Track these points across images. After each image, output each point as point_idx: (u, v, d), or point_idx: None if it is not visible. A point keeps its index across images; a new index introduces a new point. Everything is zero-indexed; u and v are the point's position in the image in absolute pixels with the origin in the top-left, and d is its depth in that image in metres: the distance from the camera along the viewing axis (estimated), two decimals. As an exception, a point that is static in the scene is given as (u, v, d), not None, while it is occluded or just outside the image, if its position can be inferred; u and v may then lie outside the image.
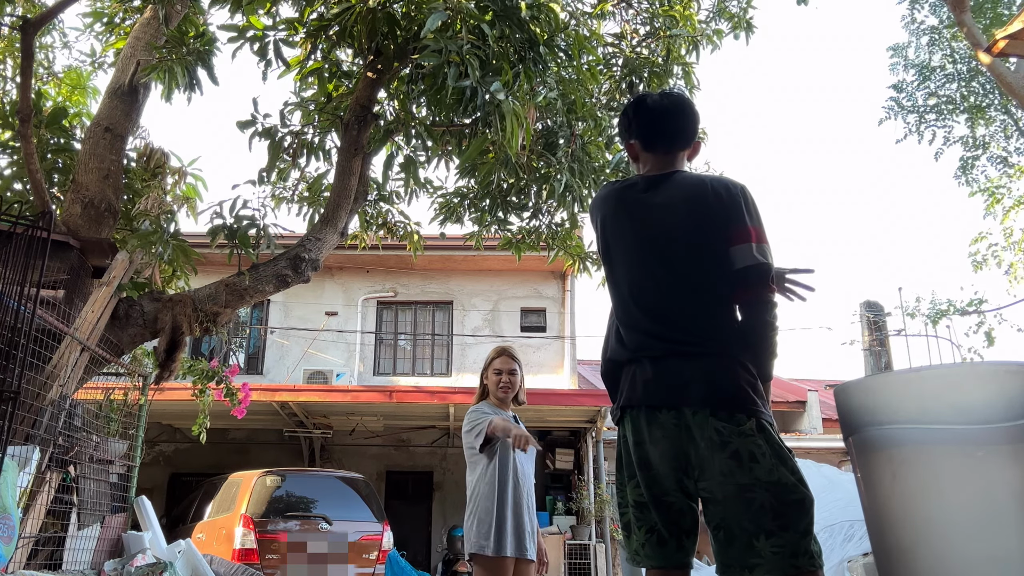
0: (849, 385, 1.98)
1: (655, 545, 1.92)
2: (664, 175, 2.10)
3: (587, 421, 11.11)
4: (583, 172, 4.75)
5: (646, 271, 2.01)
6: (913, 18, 13.02)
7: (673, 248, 1.98)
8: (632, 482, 1.97)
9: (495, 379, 3.53)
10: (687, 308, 1.94)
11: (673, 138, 2.11)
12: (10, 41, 5.89)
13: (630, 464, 1.97)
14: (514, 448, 3.24)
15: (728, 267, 1.93)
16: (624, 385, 2.01)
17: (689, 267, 1.96)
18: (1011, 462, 1.64)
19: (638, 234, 2.04)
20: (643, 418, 1.92)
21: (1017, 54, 5.48)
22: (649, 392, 1.91)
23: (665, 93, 2.20)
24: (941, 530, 1.70)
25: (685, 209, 1.99)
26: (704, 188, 2.00)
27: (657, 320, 1.96)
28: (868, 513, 1.93)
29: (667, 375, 1.90)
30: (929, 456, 1.72)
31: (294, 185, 5.47)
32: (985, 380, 1.75)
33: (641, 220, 2.05)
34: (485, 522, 3.24)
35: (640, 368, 1.95)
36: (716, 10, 5.84)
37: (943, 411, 1.71)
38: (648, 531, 1.93)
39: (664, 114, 2.12)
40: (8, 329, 3.04)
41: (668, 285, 1.97)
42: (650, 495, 1.92)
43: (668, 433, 1.87)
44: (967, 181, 13.40)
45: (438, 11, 3.32)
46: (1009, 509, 1.63)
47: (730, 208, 1.95)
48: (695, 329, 1.92)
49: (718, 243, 1.95)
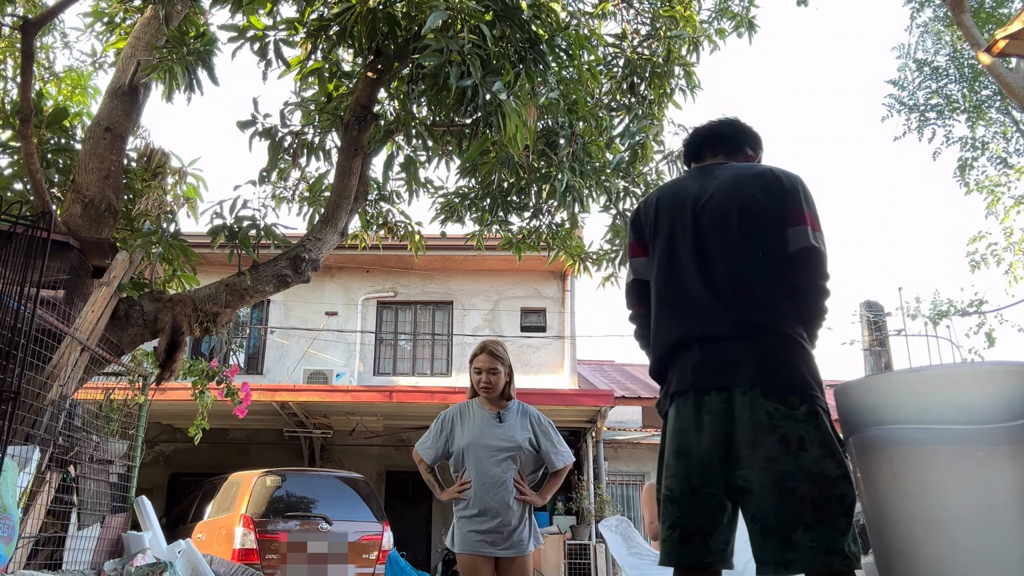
0: (849, 385, 1.98)
1: (676, 542, 1.82)
2: (717, 164, 2.12)
3: (587, 421, 11.11)
4: (584, 172, 4.75)
5: (700, 252, 1.96)
6: (913, 17, 13.02)
7: (728, 229, 1.95)
8: (663, 473, 1.89)
9: (475, 378, 3.50)
10: (743, 288, 1.90)
11: (716, 143, 2.20)
12: (10, 41, 5.89)
13: (669, 454, 1.89)
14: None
15: (783, 250, 1.90)
16: (673, 375, 1.94)
17: (744, 248, 1.93)
18: (1011, 462, 1.64)
19: (693, 216, 2.00)
20: (691, 403, 1.85)
21: (1017, 54, 5.48)
22: (698, 374, 1.85)
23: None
24: (941, 530, 1.70)
25: (741, 191, 1.98)
26: (762, 172, 2.01)
27: (712, 300, 1.90)
28: (868, 513, 1.93)
29: (718, 355, 1.84)
30: (929, 456, 1.72)
31: (294, 185, 5.47)
32: (985, 380, 1.75)
33: (695, 200, 2.02)
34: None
35: (689, 352, 1.89)
36: (718, 9, 5.85)
37: (943, 411, 1.71)
38: (671, 526, 1.84)
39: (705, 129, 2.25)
40: (8, 329, 3.04)
41: (724, 266, 1.93)
42: (688, 486, 1.82)
43: (717, 418, 1.80)
44: (965, 182, 13.40)
45: (439, 10, 3.32)
46: (1009, 509, 1.63)
47: (788, 192, 1.95)
48: (751, 308, 1.87)
49: (773, 226, 1.93)
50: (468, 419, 3.50)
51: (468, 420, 3.50)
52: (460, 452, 3.44)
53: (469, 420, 3.49)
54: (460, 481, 3.40)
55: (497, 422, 3.47)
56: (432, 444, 3.52)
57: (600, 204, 5.38)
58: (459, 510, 3.38)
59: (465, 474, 3.40)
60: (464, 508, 3.35)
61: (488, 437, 3.41)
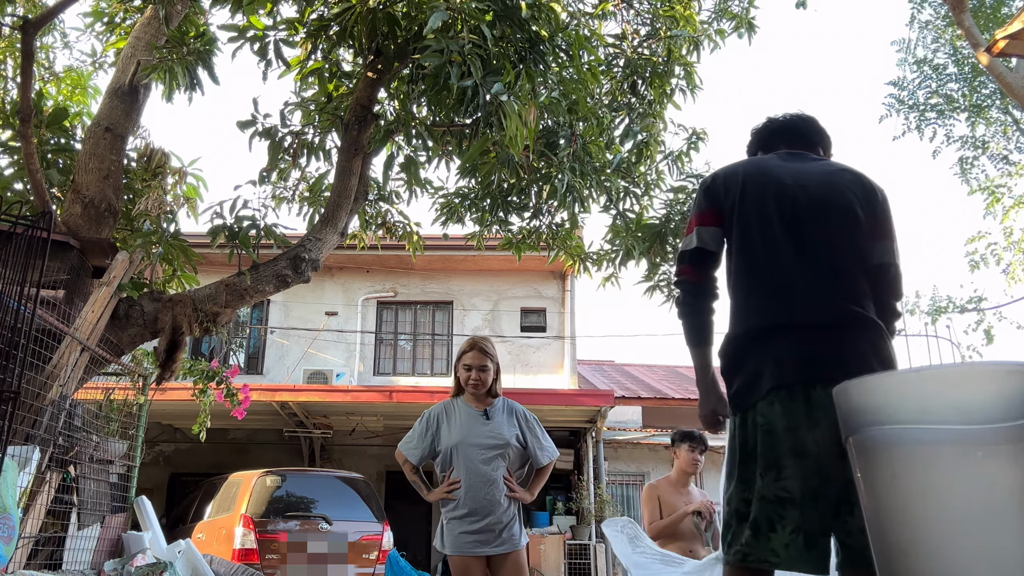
0: (849, 385, 1.98)
1: (802, 548, 1.72)
2: (802, 154, 2.10)
3: (587, 421, 11.11)
4: (584, 172, 4.75)
5: (799, 238, 1.89)
6: (914, 17, 13.02)
7: (830, 220, 1.91)
8: (771, 474, 1.77)
9: (464, 375, 3.45)
10: (845, 279, 1.85)
11: (794, 137, 2.18)
12: (10, 41, 5.89)
13: (771, 453, 1.78)
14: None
15: (870, 258, 1.89)
16: (763, 365, 1.83)
17: (845, 243, 1.90)
18: (1011, 462, 1.64)
19: (792, 200, 1.94)
20: (800, 398, 1.77)
21: (1017, 54, 5.48)
22: (805, 366, 1.77)
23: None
24: (941, 530, 1.70)
25: (842, 189, 1.95)
26: (859, 176, 2.01)
27: (814, 286, 1.84)
28: (868, 513, 1.92)
29: (825, 345, 1.78)
30: (929, 456, 1.72)
31: (294, 185, 5.47)
32: (985, 380, 1.74)
33: (792, 184, 1.96)
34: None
35: (786, 340, 1.81)
36: (718, 10, 5.85)
37: (943, 411, 1.71)
38: (794, 531, 1.73)
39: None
40: (8, 329, 3.04)
41: (826, 256, 1.88)
42: (806, 487, 1.73)
43: (827, 413, 1.72)
44: (966, 180, 13.40)
45: (439, 11, 3.32)
46: (1009, 509, 1.63)
47: (881, 204, 1.96)
48: (854, 300, 1.83)
49: (866, 232, 1.91)
50: (454, 417, 3.45)
51: (454, 418, 3.44)
52: (448, 451, 3.38)
53: (455, 418, 3.44)
54: (448, 481, 3.34)
55: (484, 419, 3.42)
56: (417, 444, 3.46)
57: (600, 204, 5.39)
58: (448, 511, 3.33)
59: (453, 473, 3.34)
60: (454, 508, 3.30)
61: (476, 435, 3.37)
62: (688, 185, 5.14)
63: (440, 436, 3.44)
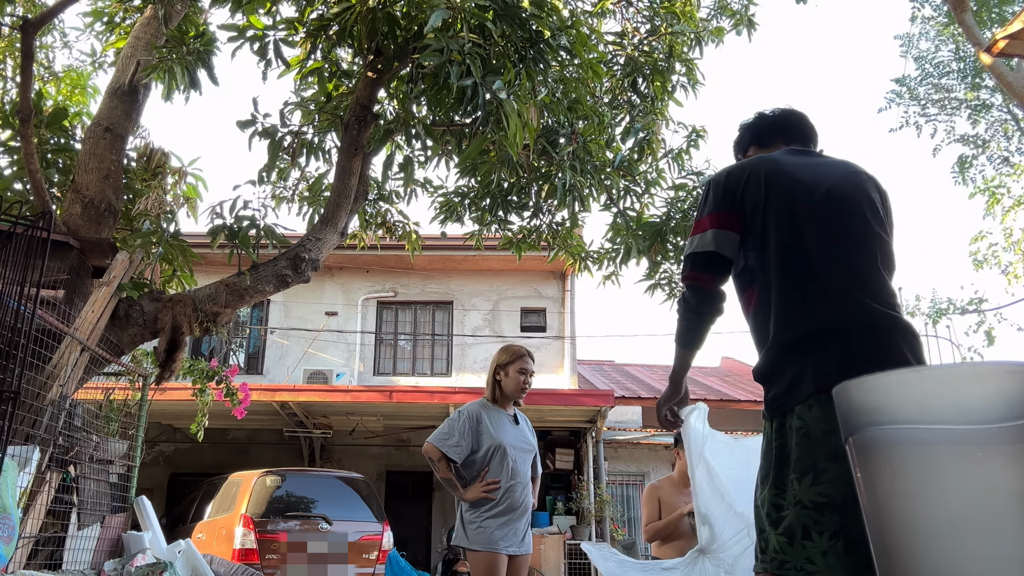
0: (849, 385, 1.97)
1: (842, 553, 1.70)
2: (808, 151, 2.07)
3: (587, 421, 11.11)
4: (584, 171, 4.75)
5: (833, 240, 1.85)
6: (915, 17, 13.01)
7: (860, 221, 1.88)
8: (807, 479, 1.74)
9: (519, 378, 3.49)
10: (881, 279, 1.83)
11: (789, 133, 2.16)
12: (10, 41, 5.89)
13: (808, 457, 1.74)
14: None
15: (891, 256, 1.89)
16: (805, 369, 1.79)
17: (876, 241, 1.88)
18: (1011, 462, 1.63)
19: (823, 200, 1.88)
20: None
21: (1017, 54, 5.48)
22: (847, 369, 1.73)
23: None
24: (941, 530, 1.70)
25: (863, 188, 1.93)
26: (872, 175, 2.00)
27: (854, 289, 1.81)
28: (868, 513, 1.92)
29: (869, 350, 1.75)
30: (929, 456, 1.71)
31: (294, 185, 5.47)
32: (985, 380, 1.74)
33: (814, 184, 1.91)
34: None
35: (828, 345, 1.78)
36: (717, 7, 5.85)
37: (943, 411, 1.70)
38: (833, 536, 1.70)
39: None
40: (8, 329, 3.04)
41: (861, 257, 1.84)
42: (847, 491, 1.70)
43: None
44: (964, 180, 13.40)
45: (439, 10, 3.32)
46: (1009, 509, 1.63)
47: (889, 206, 1.95)
48: (889, 303, 1.81)
49: (884, 231, 1.90)
50: (495, 419, 3.49)
51: (496, 421, 3.49)
52: (489, 451, 3.40)
53: (496, 421, 3.49)
54: (488, 481, 3.35)
55: (514, 424, 3.54)
56: (459, 441, 3.42)
57: (601, 203, 5.39)
58: (484, 510, 3.33)
59: (491, 473, 3.36)
60: (491, 507, 3.32)
61: (514, 438, 3.47)
62: (688, 183, 5.14)
63: (482, 435, 3.43)
